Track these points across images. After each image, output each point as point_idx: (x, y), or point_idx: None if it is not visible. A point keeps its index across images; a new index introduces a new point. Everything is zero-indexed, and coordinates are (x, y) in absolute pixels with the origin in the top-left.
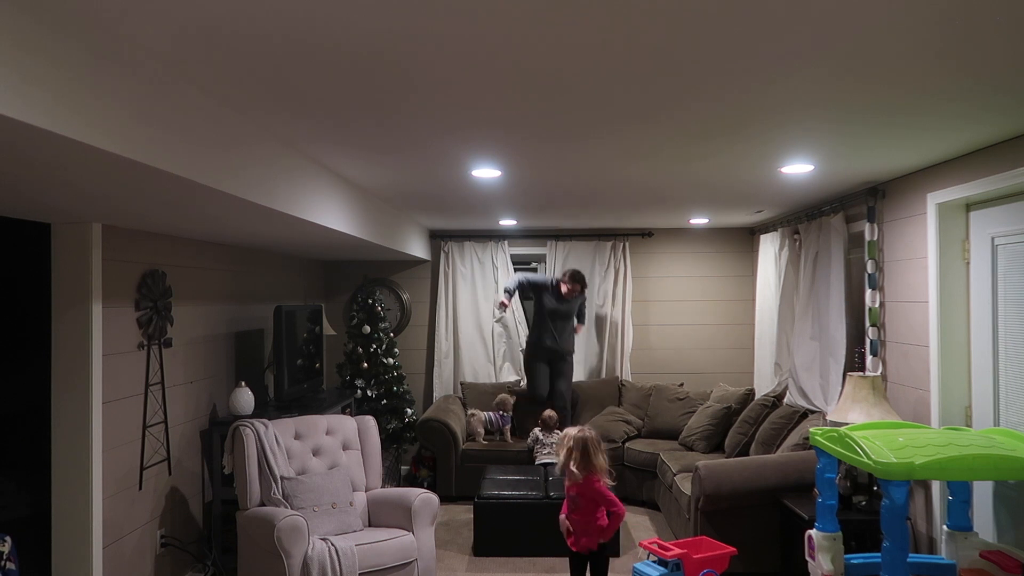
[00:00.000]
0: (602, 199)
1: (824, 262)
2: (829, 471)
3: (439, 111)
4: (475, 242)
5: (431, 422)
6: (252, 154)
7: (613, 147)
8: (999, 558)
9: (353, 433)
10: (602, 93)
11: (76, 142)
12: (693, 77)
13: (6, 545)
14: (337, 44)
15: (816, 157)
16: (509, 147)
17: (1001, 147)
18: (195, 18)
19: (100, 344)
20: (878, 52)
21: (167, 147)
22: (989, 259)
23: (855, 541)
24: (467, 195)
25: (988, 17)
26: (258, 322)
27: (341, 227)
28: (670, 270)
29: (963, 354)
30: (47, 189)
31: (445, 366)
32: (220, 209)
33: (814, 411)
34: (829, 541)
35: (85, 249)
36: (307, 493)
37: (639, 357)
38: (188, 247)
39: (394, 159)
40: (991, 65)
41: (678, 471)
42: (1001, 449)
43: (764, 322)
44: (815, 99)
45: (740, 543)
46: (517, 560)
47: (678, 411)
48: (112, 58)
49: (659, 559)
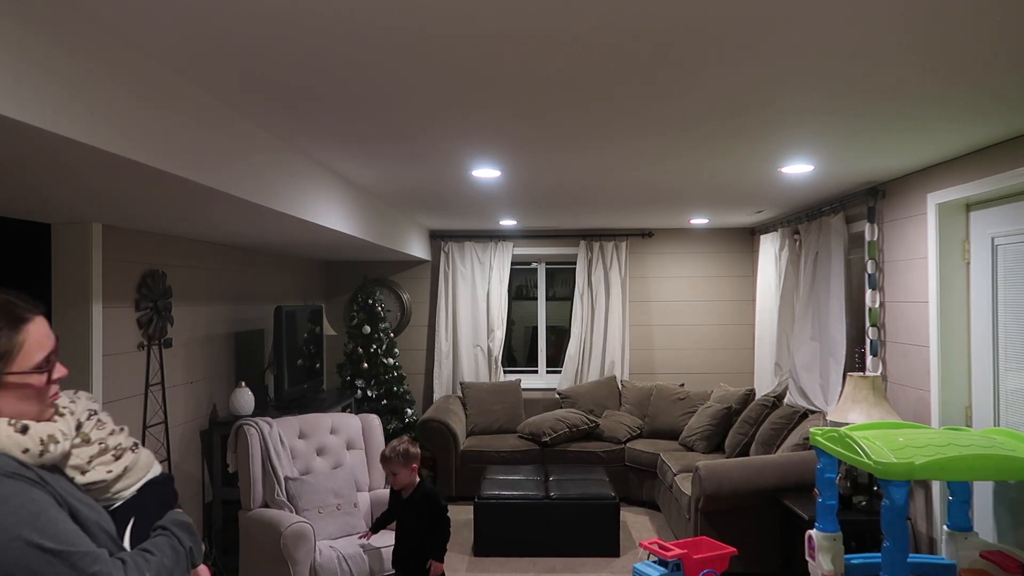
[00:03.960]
0: (602, 199)
1: (824, 262)
2: (829, 471)
3: (439, 112)
4: (475, 242)
5: (431, 422)
6: (252, 154)
7: (613, 147)
8: (999, 558)
9: (357, 432)
10: (602, 92)
11: (76, 142)
12: (694, 77)
13: None
14: (337, 43)
15: (816, 157)
16: (509, 147)
17: (1001, 147)
18: (195, 18)
19: (100, 344)
20: (876, 58)
21: (167, 147)
22: (989, 259)
23: (855, 541)
24: (467, 195)
25: (980, 28)
26: (258, 322)
27: (341, 227)
28: (670, 270)
29: (963, 354)
30: (47, 189)
31: (445, 366)
32: (220, 209)
33: (814, 411)
34: (829, 541)
35: (85, 249)
36: (312, 494)
37: (640, 357)
38: (188, 247)
39: (394, 159)
40: (982, 72)
41: (678, 471)
42: (1001, 449)
43: (764, 322)
44: (815, 100)
45: (740, 543)
46: (517, 560)
47: (678, 411)
48: (112, 58)
49: (659, 559)
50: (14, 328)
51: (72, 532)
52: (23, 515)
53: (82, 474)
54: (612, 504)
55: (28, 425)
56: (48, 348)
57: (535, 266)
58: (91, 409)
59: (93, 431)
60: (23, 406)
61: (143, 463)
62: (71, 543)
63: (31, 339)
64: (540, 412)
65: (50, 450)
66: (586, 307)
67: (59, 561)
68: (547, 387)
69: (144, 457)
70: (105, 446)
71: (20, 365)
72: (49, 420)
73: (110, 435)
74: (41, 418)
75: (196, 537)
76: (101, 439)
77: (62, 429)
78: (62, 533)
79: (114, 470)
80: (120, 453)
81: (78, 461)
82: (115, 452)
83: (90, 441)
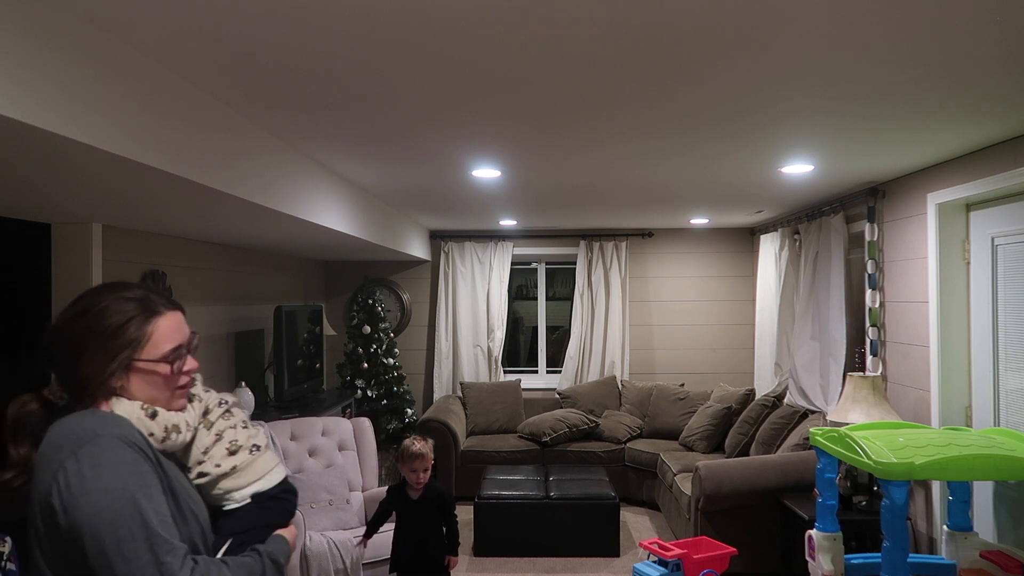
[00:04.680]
0: (602, 199)
1: (824, 262)
2: (829, 471)
3: (440, 112)
4: (475, 242)
5: (431, 422)
6: (252, 154)
7: (614, 147)
8: (999, 558)
9: (349, 434)
10: (603, 93)
11: (76, 142)
12: (694, 78)
13: (6, 545)
14: (338, 44)
15: (816, 157)
16: (510, 148)
17: (1001, 147)
18: (195, 17)
19: None
20: (876, 59)
21: (167, 147)
22: (989, 259)
23: (855, 541)
24: (467, 195)
25: (980, 28)
26: (258, 322)
27: (341, 227)
28: (670, 270)
29: (963, 354)
30: (47, 189)
31: (445, 366)
32: (220, 209)
33: (814, 411)
34: (829, 541)
35: (85, 249)
36: (304, 490)
37: (640, 357)
38: (188, 247)
39: (394, 159)
40: (982, 73)
41: (678, 471)
42: (1001, 449)
43: (764, 322)
44: (816, 101)
45: (740, 543)
46: (517, 560)
47: (679, 411)
48: (111, 58)
49: (659, 559)
50: (146, 319)
51: (164, 516)
52: (139, 480)
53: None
54: (612, 504)
55: (157, 411)
56: (177, 341)
57: (535, 266)
58: (226, 400)
59: (219, 420)
60: (152, 391)
61: (257, 468)
62: (159, 526)
63: (160, 331)
64: (540, 412)
65: (172, 438)
66: (586, 307)
67: (143, 536)
68: (547, 387)
69: (261, 463)
70: (222, 438)
71: (148, 353)
72: (179, 409)
73: (233, 429)
74: (170, 406)
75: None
76: (221, 430)
77: (187, 420)
78: (159, 514)
79: (223, 465)
80: (235, 449)
81: (195, 448)
82: (230, 447)
83: (210, 429)
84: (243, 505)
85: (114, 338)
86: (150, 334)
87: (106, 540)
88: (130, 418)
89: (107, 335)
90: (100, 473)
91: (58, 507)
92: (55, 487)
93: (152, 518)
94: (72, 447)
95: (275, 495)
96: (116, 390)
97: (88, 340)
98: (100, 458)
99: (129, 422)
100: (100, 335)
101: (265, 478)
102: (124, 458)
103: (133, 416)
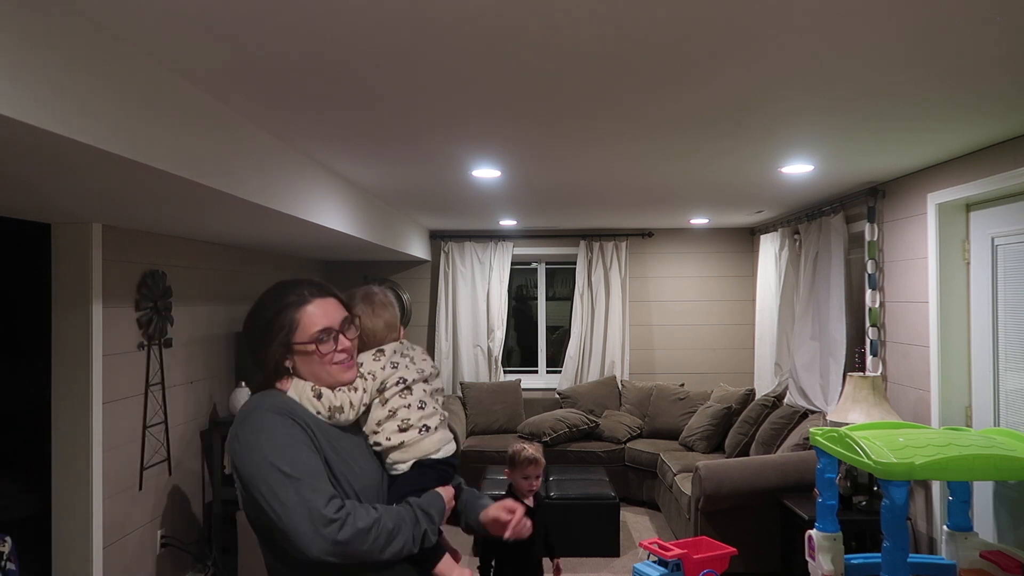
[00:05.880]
0: (602, 199)
1: (824, 262)
2: (829, 471)
3: (440, 112)
4: (475, 242)
5: None
6: (252, 154)
7: (614, 147)
8: (999, 558)
9: None
10: (603, 93)
11: (76, 142)
12: (695, 78)
13: (6, 545)
14: (337, 42)
15: (816, 157)
16: (510, 148)
17: (1001, 147)
18: (195, 16)
19: (100, 344)
20: (876, 59)
21: (167, 147)
22: (989, 259)
23: (855, 541)
24: (467, 195)
25: (980, 29)
26: None
27: (341, 227)
28: (670, 270)
29: (963, 354)
30: (47, 189)
31: (445, 366)
32: (220, 209)
33: (814, 411)
34: (829, 541)
35: (85, 249)
36: None
37: (640, 357)
38: (188, 247)
39: (394, 159)
40: (982, 73)
41: (678, 471)
42: (1001, 449)
43: (764, 322)
44: (816, 101)
45: (740, 543)
46: None
47: (678, 411)
48: (112, 58)
49: (659, 559)
50: (297, 307)
51: (310, 466)
52: (275, 442)
53: (373, 433)
54: (612, 504)
55: (322, 392)
56: (326, 323)
57: (535, 266)
58: (403, 379)
59: (394, 398)
60: (313, 368)
61: (423, 447)
62: (304, 473)
63: (308, 316)
64: (540, 412)
65: (336, 417)
66: (586, 307)
67: (290, 483)
68: (547, 387)
69: (427, 443)
70: (395, 415)
71: (299, 336)
72: (348, 382)
73: (407, 408)
74: (337, 379)
75: (434, 526)
76: (395, 408)
77: (351, 400)
78: (300, 464)
79: (392, 439)
80: (406, 427)
81: (370, 419)
82: (401, 424)
83: (384, 405)
84: (405, 472)
85: (272, 325)
86: (300, 318)
87: (260, 486)
88: (300, 398)
89: (267, 324)
90: (251, 437)
91: (231, 464)
92: (229, 449)
93: (287, 466)
94: (241, 418)
95: (432, 464)
96: (288, 370)
97: (255, 330)
98: (254, 425)
99: (285, 396)
100: (263, 325)
101: (430, 456)
102: (272, 424)
103: (303, 396)
